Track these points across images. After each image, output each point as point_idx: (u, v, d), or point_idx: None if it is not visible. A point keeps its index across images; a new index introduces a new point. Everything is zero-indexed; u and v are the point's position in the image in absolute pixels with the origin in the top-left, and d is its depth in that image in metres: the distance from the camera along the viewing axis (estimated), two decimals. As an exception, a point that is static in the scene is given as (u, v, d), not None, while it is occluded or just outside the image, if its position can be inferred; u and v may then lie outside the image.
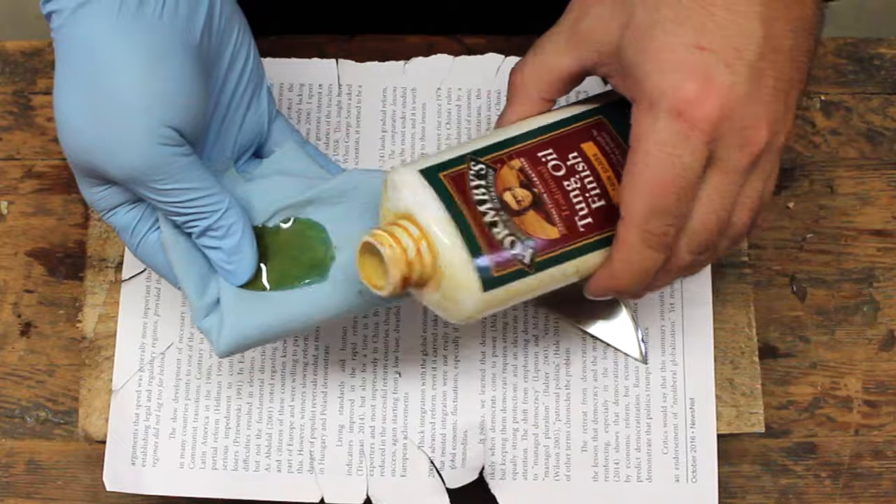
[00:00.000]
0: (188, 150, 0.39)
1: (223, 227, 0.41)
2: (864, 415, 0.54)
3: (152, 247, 0.42)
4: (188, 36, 0.39)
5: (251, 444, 0.50)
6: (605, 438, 0.50)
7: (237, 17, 0.42)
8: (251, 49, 0.43)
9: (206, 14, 0.40)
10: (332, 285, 0.42)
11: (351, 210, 0.42)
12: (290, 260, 0.42)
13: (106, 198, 0.41)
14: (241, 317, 0.41)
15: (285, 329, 0.42)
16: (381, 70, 0.54)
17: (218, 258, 0.42)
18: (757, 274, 0.55)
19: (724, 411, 0.50)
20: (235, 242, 0.41)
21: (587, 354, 0.51)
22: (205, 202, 0.40)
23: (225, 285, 0.42)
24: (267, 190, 0.43)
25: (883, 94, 0.58)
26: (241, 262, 0.42)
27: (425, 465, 0.50)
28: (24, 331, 0.55)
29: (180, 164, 0.39)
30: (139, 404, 0.50)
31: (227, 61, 0.42)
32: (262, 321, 0.41)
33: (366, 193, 0.42)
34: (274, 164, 0.44)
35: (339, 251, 0.42)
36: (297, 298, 0.42)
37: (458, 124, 0.54)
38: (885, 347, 0.55)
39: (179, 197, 0.40)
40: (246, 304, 0.42)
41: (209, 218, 0.41)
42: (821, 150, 0.57)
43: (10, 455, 0.53)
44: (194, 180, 0.40)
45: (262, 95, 0.44)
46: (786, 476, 0.54)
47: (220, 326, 0.42)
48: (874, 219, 0.56)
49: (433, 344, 0.51)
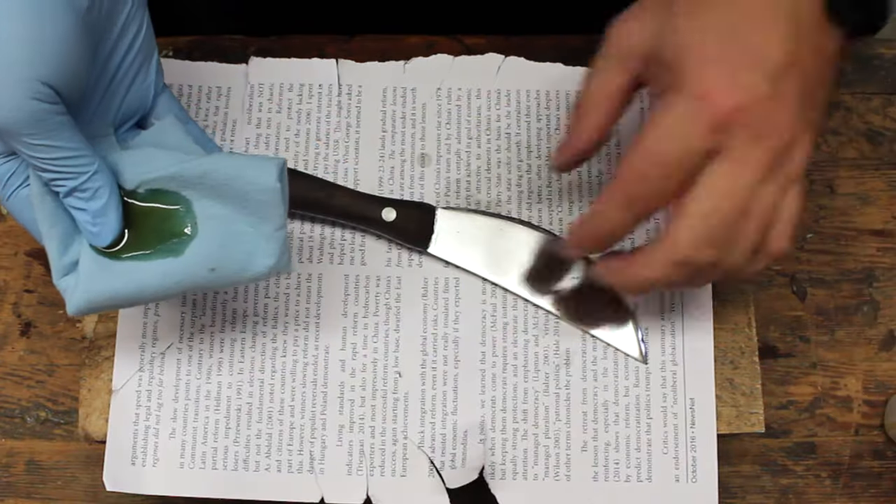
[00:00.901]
0: (62, 110, 0.40)
1: (90, 190, 0.42)
2: (863, 415, 0.54)
3: (21, 202, 0.43)
4: (76, 0, 0.40)
5: (251, 444, 0.50)
6: (605, 438, 0.50)
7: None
8: (143, 22, 0.44)
9: None
10: (185, 260, 0.43)
11: (213, 190, 0.43)
12: (150, 231, 0.43)
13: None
14: (95, 280, 0.43)
15: (137, 296, 0.43)
16: (381, 70, 0.54)
17: (83, 219, 0.43)
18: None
19: (724, 411, 0.50)
20: (101, 206, 0.42)
21: (587, 354, 0.51)
22: (73, 163, 0.41)
23: (85, 248, 0.43)
24: (138, 160, 0.44)
25: (883, 94, 0.58)
26: (104, 225, 0.43)
27: (425, 465, 0.50)
28: (24, 331, 0.55)
29: (53, 122, 0.40)
30: (139, 404, 0.50)
31: (118, 31, 0.43)
32: (113, 287, 0.42)
33: (226, 176, 0.42)
34: (150, 137, 0.45)
35: (198, 228, 0.43)
36: (152, 269, 0.43)
37: (458, 124, 0.54)
38: (885, 347, 0.55)
39: (48, 154, 0.40)
40: (101, 269, 0.43)
41: (76, 179, 0.42)
42: (821, 150, 0.57)
43: (10, 455, 0.53)
44: (65, 140, 0.41)
45: (151, 68, 0.45)
46: (786, 476, 0.54)
47: (74, 287, 0.43)
48: (874, 219, 0.56)
49: (433, 344, 0.51)
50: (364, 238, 0.52)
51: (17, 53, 0.39)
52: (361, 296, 0.51)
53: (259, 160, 0.42)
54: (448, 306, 0.51)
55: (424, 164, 0.53)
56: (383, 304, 0.51)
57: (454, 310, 0.51)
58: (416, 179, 0.53)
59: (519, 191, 0.53)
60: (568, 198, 0.53)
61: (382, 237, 0.52)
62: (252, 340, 0.51)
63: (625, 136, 0.53)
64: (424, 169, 0.53)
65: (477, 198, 0.53)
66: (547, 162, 0.53)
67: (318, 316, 0.51)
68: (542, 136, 0.54)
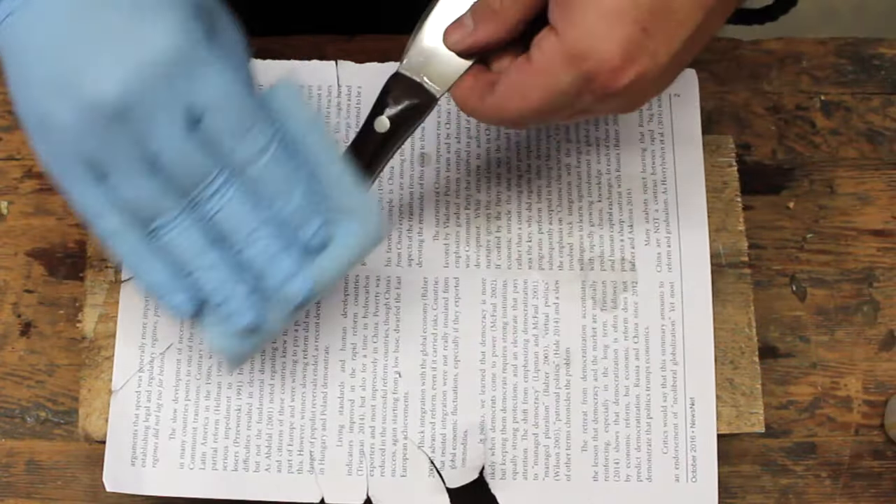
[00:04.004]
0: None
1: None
2: (864, 415, 0.54)
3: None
4: None
5: (251, 445, 0.50)
6: (605, 438, 0.50)
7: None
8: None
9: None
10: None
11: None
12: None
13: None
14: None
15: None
16: (381, 70, 0.54)
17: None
18: (757, 274, 0.55)
19: (724, 411, 0.50)
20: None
21: (587, 354, 0.51)
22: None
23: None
24: None
25: (883, 94, 0.58)
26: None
27: (425, 465, 0.50)
28: (24, 331, 0.55)
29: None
30: (139, 404, 0.50)
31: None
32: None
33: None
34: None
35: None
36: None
37: (458, 124, 0.54)
38: (885, 347, 0.55)
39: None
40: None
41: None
42: (821, 150, 0.57)
43: (10, 455, 0.53)
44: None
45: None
46: (786, 476, 0.54)
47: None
48: (874, 219, 0.56)
49: (433, 344, 0.51)
50: (364, 238, 0.52)
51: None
52: (361, 296, 0.51)
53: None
54: (448, 306, 0.51)
55: (424, 163, 0.53)
56: (383, 304, 0.51)
57: (454, 310, 0.51)
58: (415, 179, 0.53)
59: (519, 191, 0.53)
60: (568, 198, 0.53)
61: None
62: (252, 340, 0.51)
63: (624, 134, 0.53)
64: (424, 169, 0.53)
65: (477, 198, 0.53)
66: (547, 162, 0.53)
67: (317, 316, 0.51)
68: (541, 136, 0.54)
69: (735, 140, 0.54)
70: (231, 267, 0.39)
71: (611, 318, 0.51)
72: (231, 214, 0.38)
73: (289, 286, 0.40)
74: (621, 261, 0.52)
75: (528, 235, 0.52)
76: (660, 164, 0.53)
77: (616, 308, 0.51)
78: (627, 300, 0.51)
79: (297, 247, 0.40)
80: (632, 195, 0.53)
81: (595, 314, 0.51)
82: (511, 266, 0.52)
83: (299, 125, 0.40)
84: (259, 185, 0.38)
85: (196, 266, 0.39)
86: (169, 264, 0.39)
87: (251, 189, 0.38)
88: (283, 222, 0.39)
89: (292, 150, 0.39)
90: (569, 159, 0.53)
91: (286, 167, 0.39)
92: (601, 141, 0.54)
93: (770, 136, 0.58)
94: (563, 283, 0.51)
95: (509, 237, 0.52)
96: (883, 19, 1.24)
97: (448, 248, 0.52)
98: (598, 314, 0.51)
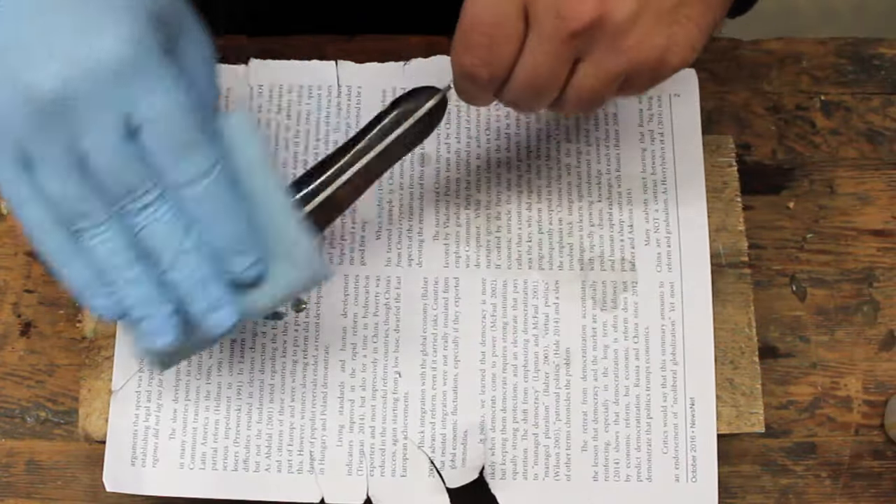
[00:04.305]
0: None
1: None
2: (864, 415, 0.54)
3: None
4: None
5: (251, 445, 0.50)
6: (605, 438, 0.50)
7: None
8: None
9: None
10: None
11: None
12: None
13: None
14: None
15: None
16: (381, 71, 0.54)
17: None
18: (757, 274, 0.55)
19: (724, 411, 0.50)
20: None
21: (587, 354, 0.51)
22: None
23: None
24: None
25: (883, 94, 0.58)
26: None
27: (425, 465, 0.50)
28: (24, 331, 0.55)
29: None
30: (139, 404, 0.50)
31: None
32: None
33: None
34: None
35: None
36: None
37: (458, 124, 0.54)
38: (885, 347, 0.55)
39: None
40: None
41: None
42: (821, 150, 0.57)
43: (10, 455, 0.53)
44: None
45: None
46: (786, 476, 0.54)
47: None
48: (874, 219, 0.56)
49: (433, 344, 0.51)
50: (364, 238, 0.52)
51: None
52: (361, 296, 0.51)
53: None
54: (448, 306, 0.51)
55: (424, 163, 0.53)
56: (383, 304, 0.51)
57: (454, 310, 0.51)
58: (415, 179, 0.53)
59: (519, 191, 0.53)
60: (568, 198, 0.53)
61: (381, 236, 0.52)
62: (252, 340, 0.51)
63: (624, 134, 0.53)
64: (424, 169, 0.53)
65: (477, 198, 0.53)
66: (547, 162, 0.53)
67: (317, 316, 0.51)
68: (541, 136, 0.54)
69: (735, 140, 0.54)
70: (155, 285, 0.39)
71: (611, 318, 0.51)
72: (158, 232, 0.38)
73: (212, 316, 0.39)
74: (621, 261, 0.52)
75: (528, 235, 0.52)
76: (660, 164, 0.53)
77: (616, 308, 0.51)
78: (627, 300, 0.51)
79: (227, 277, 0.39)
80: (632, 195, 0.53)
81: (595, 314, 0.51)
82: (511, 266, 0.52)
83: (246, 157, 0.39)
84: (195, 208, 0.38)
85: (117, 277, 0.38)
86: (92, 267, 0.38)
87: (186, 211, 0.38)
88: (217, 251, 0.39)
89: (236, 181, 0.39)
90: (569, 159, 0.53)
91: (226, 196, 0.38)
92: (601, 141, 0.54)
93: (770, 136, 0.58)
94: (563, 283, 0.51)
95: (509, 237, 0.52)
96: (883, 19, 1.24)
97: (448, 248, 0.52)
98: (598, 314, 0.51)
